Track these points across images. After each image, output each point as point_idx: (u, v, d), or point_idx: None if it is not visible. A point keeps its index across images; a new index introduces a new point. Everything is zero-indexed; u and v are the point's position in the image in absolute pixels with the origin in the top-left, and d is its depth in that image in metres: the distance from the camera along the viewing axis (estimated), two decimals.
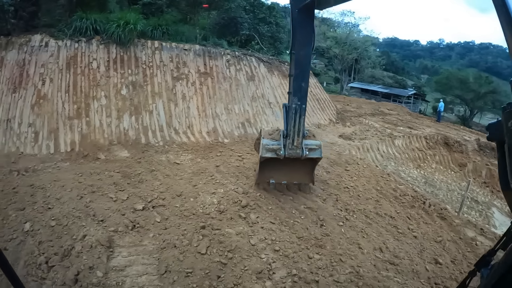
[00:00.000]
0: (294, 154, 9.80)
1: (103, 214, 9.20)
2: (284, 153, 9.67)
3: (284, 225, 9.51)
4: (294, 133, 9.59)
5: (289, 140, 9.65)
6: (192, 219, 9.33)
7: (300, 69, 9.20)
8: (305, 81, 9.36)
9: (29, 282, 6.99)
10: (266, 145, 9.77)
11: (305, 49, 9.02)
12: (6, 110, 14.11)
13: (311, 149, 10.00)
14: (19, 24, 16.16)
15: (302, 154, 9.77)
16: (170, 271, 7.41)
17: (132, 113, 15.50)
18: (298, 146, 9.73)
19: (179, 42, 18.49)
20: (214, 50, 19.04)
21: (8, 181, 11.22)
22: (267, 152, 9.74)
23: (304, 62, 9.19)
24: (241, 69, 19.53)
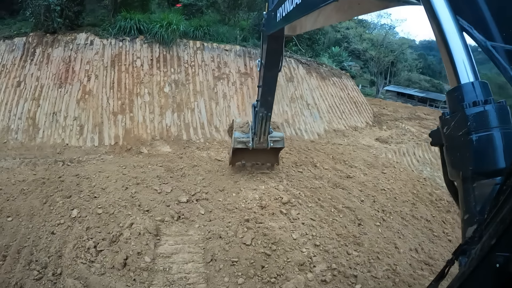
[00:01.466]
0: (261, 147, 11.27)
1: (148, 205, 9.41)
2: (252, 145, 11.17)
3: (324, 222, 9.53)
4: (261, 133, 10.89)
5: (256, 137, 11.01)
6: (236, 213, 9.44)
7: (268, 87, 10.13)
8: (271, 95, 10.32)
9: (78, 264, 7.22)
10: (237, 138, 11.22)
11: (272, 71, 9.74)
12: (52, 103, 14.67)
13: (275, 141, 11.42)
14: (65, 23, 16.66)
15: (268, 146, 11.25)
16: (216, 260, 7.54)
17: (174, 110, 15.68)
18: (264, 141, 11.13)
19: (220, 42, 18.60)
20: (254, 51, 19.03)
21: (54, 170, 11.64)
22: (238, 144, 11.23)
23: (271, 81, 10.04)
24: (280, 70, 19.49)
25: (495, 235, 1.43)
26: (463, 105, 2.04)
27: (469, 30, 2.18)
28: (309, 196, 10.84)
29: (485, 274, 1.47)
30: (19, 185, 10.54)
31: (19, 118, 14.35)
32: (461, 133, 2.02)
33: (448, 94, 2.22)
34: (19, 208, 9.36)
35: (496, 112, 1.97)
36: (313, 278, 7.27)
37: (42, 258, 7.52)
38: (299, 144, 16.38)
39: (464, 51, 2.17)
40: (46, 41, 16.36)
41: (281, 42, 9.04)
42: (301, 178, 12.19)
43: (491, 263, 1.41)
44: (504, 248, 1.37)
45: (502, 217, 1.44)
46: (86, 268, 7.21)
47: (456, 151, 2.08)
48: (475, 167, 1.94)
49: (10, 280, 6.96)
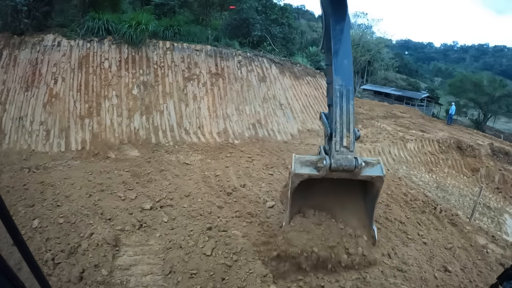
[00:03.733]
0: (345, 163, 6.48)
1: (111, 213, 9.31)
2: (329, 162, 6.51)
3: None
4: (342, 127, 6.76)
5: (335, 138, 6.75)
6: (200, 220, 9.34)
7: (339, 45, 7.18)
8: (348, 57, 7.22)
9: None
10: (300, 158, 7.01)
11: (340, 24, 7.32)
12: (19, 108, 14.38)
13: (369, 163, 6.86)
14: (32, 24, 16.40)
15: (356, 164, 6.50)
16: (174, 272, 7.43)
17: (143, 112, 15.61)
18: (349, 147, 6.68)
19: (191, 42, 18.54)
20: (226, 51, 19.06)
21: (19, 177, 11.42)
22: (303, 167, 6.77)
23: (341, 36, 7.26)
24: (252, 70, 19.53)
25: None
26: None
27: None
28: (278, 200, 10.40)
29: None
30: None
31: None
32: None
33: None
34: None
35: None
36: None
37: None
38: (271, 145, 16.43)
39: None
40: (13, 43, 16.04)
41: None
42: (272, 181, 12.16)
43: None
44: None
45: None
46: None
47: None
48: None
49: None
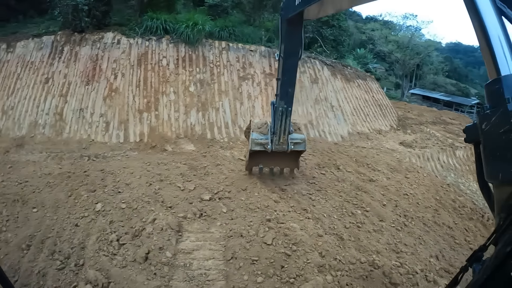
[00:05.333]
0: (281, 149, 10.44)
1: (171, 201, 9.50)
2: (271, 147, 10.34)
3: (346, 226, 9.44)
4: (281, 131, 10.10)
5: (276, 137, 10.21)
6: (257, 212, 9.40)
7: (288, 76, 9.57)
8: (292, 87, 9.79)
9: (100, 256, 7.34)
10: (255, 139, 10.41)
11: (292, 59, 9.29)
12: (79, 100, 14.99)
13: (296, 143, 10.59)
14: (92, 22, 16.98)
15: (288, 148, 10.41)
16: (236, 258, 7.53)
17: (199, 109, 15.78)
18: (284, 142, 10.30)
19: (245, 43, 18.64)
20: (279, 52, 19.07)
21: (79, 164, 11.91)
22: (256, 146, 10.41)
23: (291, 70, 9.55)
24: (305, 71, 19.46)
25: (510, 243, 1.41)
26: (505, 99, 1.88)
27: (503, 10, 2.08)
28: (331, 198, 10.73)
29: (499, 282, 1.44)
30: (45, 178, 10.81)
31: (47, 114, 14.68)
32: (502, 130, 1.86)
33: (488, 87, 2.05)
34: (44, 200, 9.58)
35: None
36: (331, 280, 7.19)
37: (65, 249, 7.65)
38: (322, 146, 16.30)
39: (505, 41, 2.03)
40: (74, 40, 16.71)
41: (301, 27, 8.84)
42: (324, 180, 12.10)
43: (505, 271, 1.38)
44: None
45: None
46: (108, 261, 7.30)
47: (496, 151, 1.93)
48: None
49: (33, 268, 7.13)
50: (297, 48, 9.12)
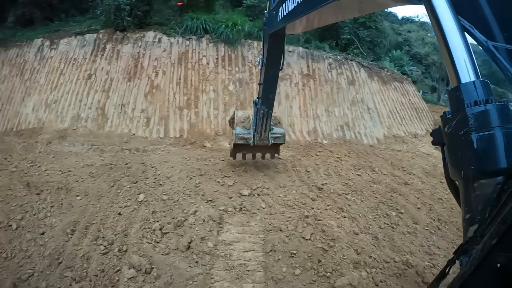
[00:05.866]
0: (262, 143, 11.12)
1: (212, 195, 9.73)
2: (253, 142, 10.99)
3: (380, 226, 9.47)
4: (262, 130, 10.72)
5: (257, 134, 10.83)
6: (295, 209, 9.51)
7: (269, 84, 9.92)
8: (272, 93, 10.15)
9: (143, 243, 7.59)
10: (238, 134, 11.02)
11: (273, 69, 9.54)
12: (121, 96, 15.39)
13: (276, 137, 11.26)
14: (133, 22, 17.34)
15: (268, 143, 11.09)
16: (275, 251, 7.68)
17: (238, 107, 15.86)
18: (265, 138, 10.97)
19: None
20: (317, 53, 18.99)
21: (121, 157, 12.33)
22: (239, 140, 11.03)
23: (272, 79, 9.84)
24: (342, 73, 19.33)
25: (496, 235, 1.44)
26: (464, 104, 2.05)
27: (470, 30, 2.23)
28: (366, 199, 10.79)
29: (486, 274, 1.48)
30: (87, 169, 11.19)
31: (89, 108, 15.12)
32: (462, 132, 2.04)
33: (450, 94, 2.23)
34: (87, 189, 9.92)
35: (497, 111, 1.98)
36: (366, 277, 7.26)
37: (108, 235, 7.91)
38: (358, 148, 16.19)
39: (465, 50, 2.17)
40: (116, 38, 17.12)
41: (282, 41, 8.94)
42: (359, 181, 12.11)
43: (492, 263, 1.42)
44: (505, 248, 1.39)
45: (503, 217, 1.44)
46: (151, 248, 7.51)
47: (457, 151, 2.10)
48: (476, 166, 1.96)
49: (77, 252, 7.42)
50: (279, 60, 9.33)
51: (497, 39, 2.08)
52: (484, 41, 2.10)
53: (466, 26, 2.21)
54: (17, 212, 8.90)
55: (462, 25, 2.21)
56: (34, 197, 9.63)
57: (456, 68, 2.16)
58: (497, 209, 1.54)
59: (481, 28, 2.16)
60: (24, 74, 17.23)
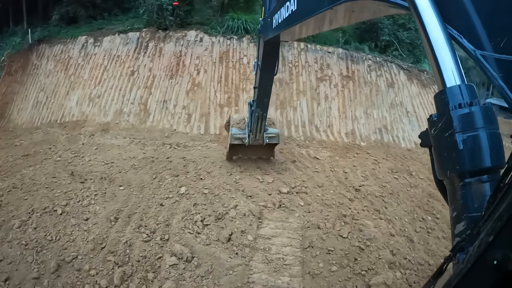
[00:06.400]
0: (257, 143, 11.28)
1: (251, 191, 9.91)
2: (248, 141, 11.14)
3: (416, 230, 9.44)
4: (257, 131, 10.93)
5: (252, 135, 11.01)
6: (333, 208, 9.60)
7: (264, 89, 10.14)
8: (267, 97, 10.39)
9: (185, 233, 7.85)
10: (234, 134, 11.21)
11: (268, 75, 9.69)
12: (163, 92, 15.79)
13: (271, 137, 11.37)
14: (175, 21, 17.73)
15: (263, 142, 11.24)
16: (312, 247, 7.84)
17: (277, 107, 15.94)
18: (259, 138, 11.15)
19: (323, 44, 18.60)
20: (356, 54, 18.84)
21: (162, 151, 12.70)
22: (235, 140, 11.20)
23: (267, 84, 10.05)
24: (381, 75, 19.10)
25: (492, 232, 1.41)
26: (449, 107, 2.09)
27: (458, 38, 2.25)
28: (403, 202, 10.75)
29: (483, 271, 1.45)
30: (130, 161, 11.55)
31: (132, 103, 15.57)
32: (447, 134, 2.08)
33: (436, 97, 2.26)
34: (130, 180, 10.25)
35: (481, 113, 2.01)
36: (400, 277, 7.36)
37: (151, 224, 8.16)
38: (395, 151, 15.97)
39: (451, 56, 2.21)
40: (158, 37, 17.54)
41: (277, 47, 9.02)
42: (396, 184, 12.04)
43: (488, 260, 1.39)
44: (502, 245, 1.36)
45: (500, 214, 1.42)
46: (193, 238, 7.74)
47: (443, 151, 2.14)
48: (461, 166, 1.99)
49: (120, 238, 7.71)
50: (274, 65, 9.41)
51: (485, 48, 2.12)
52: (472, 50, 2.14)
53: (454, 35, 2.27)
54: (61, 198, 9.30)
55: (449, 32, 2.27)
56: (78, 185, 10.05)
57: (441, 72, 2.22)
58: (493, 206, 1.54)
59: (469, 36, 2.20)
60: (69, 70, 17.87)
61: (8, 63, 19.22)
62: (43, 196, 9.47)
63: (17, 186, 10.16)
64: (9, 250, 7.48)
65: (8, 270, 6.95)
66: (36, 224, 8.25)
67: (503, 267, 1.30)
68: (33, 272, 6.89)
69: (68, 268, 7.00)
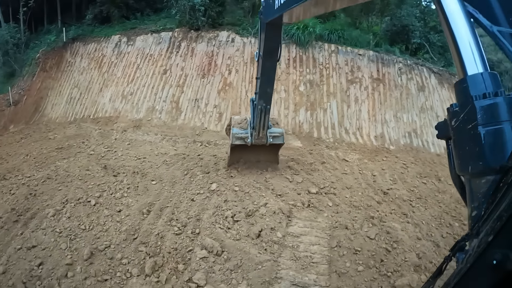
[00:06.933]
0: (260, 142, 10.59)
1: (281, 190, 9.96)
2: (251, 141, 10.46)
3: (443, 236, 9.35)
4: (260, 127, 10.27)
5: (255, 132, 10.35)
6: (361, 210, 9.63)
7: (267, 77, 9.60)
8: (270, 87, 9.87)
9: (216, 228, 8.01)
10: (235, 134, 10.53)
11: (270, 60, 9.21)
12: (195, 91, 16.11)
13: (275, 137, 10.70)
14: (207, 22, 18.04)
15: (267, 141, 10.56)
16: (340, 246, 7.91)
17: (307, 108, 15.98)
18: (263, 136, 10.49)
19: (354, 47, 18.54)
20: (387, 57, 18.66)
21: (193, 148, 12.93)
22: (237, 140, 10.52)
23: (269, 71, 9.51)
24: (412, 78, 18.89)
25: (492, 232, 1.42)
26: (472, 97, 1.98)
27: (474, 14, 2.16)
28: (430, 207, 10.67)
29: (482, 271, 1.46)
30: (161, 157, 11.84)
31: (164, 101, 15.98)
32: (470, 126, 1.97)
33: (457, 86, 2.16)
34: (162, 175, 10.49)
35: (507, 104, 1.92)
36: (425, 280, 7.20)
37: (182, 218, 8.36)
38: (424, 156, 15.80)
39: (472, 40, 2.12)
40: (191, 37, 17.90)
41: (280, 30, 8.66)
42: (424, 189, 11.96)
43: (488, 259, 1.39)
44: (501, 244, 1.36)
45: (499, 214, 1.42)
46: (223, 233, 7.90)
47: (465, 145, 2.03)
48: (484, 162, 1.90)
49: (152, 230, 7.95)
50: (276, 50, 8.96)
51: (501, 23, 2.04)
52: (489, 26, 2.06)
53: (470, 11, 2.17)
54: (95, 190, 9.65)
55: (467, 11, 2.17)
56: (111, 178, 10.38)
57: (462, 58, 2.12)
58: (492, 206, 1.54)
59: (486, 13, 2.11)
60: (102, 67, 18.41)
61: (43, 60, 20.04)
62: (77, 187, 9.84)
63: (51, 177, 10.60)
64: (43, 237, 7.83)
65: (42, 256, 7.27)
66: (70, 213, 8.61)
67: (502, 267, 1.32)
68: (66, 258, 7.18)
69: (101, 256, 7.26)
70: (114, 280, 6.73)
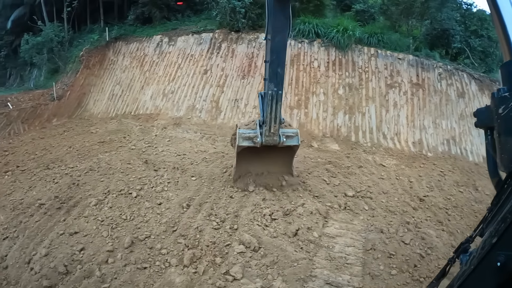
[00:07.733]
0: (271, 141, 9.02)
1: (318, 192, 10.06)
2: (261, 140, 8.94)
3: None
4: (271, 120, 8.82)
5: (265, 127, 8.91)
6: (397, 215, 9.64)
7: (276, 55, 8.44)
8: (281, 67, 8.61)
9: (254, 225, 8.17)
10: (242, 133, 9.12)
11: (280, 35, 8.30)
12: (235, 91, 16.39)
13: (288, 136, 9.21)
14: (248, 23, 18.33)
15: (280, 141, 9.00)
16: (374, 249, 7.93)
17: (346, 112, 15.98)
18: (275, 133, 8.95)
19: (393, 50, 18.38)
20: (427, 62, 18.37)
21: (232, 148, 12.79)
22: (244, 141, 9.08)
23: (279, 49, 8.46)
24: (452, 84, 18.56)
25: (496, 234, 1.41)
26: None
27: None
28: (466, 217, 10.54)
29: (486, 273, 1.44)
30: (201, 154, 12.13)
31: (204, 100, 16.35)
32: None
33: (503, 68, 1.84)
34: (201, 172, 10.74)
35: None
36: None
37: (221, 214, 8.54)
38: (462, 164, 15.50)
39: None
40: (231, 38, 18.21)
41: (288, 3, 8.12)
42: (461, 198, 11.79)
43: (492, 261, 1.38)
44: (505, 246, 1.35)
45: (503, 216, 1.41)
46: (261, 230, 8.04)
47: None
48: None
49: (191, 224, 8.17)
50: (285, 25, 8.31)
51: None
52: None
53: None
54: (136, 183, 9.98)
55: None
56: (152, 172, 10.71)
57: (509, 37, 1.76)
58: (497, 208, 1.55)
59: None
60: (144, 66, 18.97)
61: (87, 57, 20.91)
62: (119, 179, 10.19)
63: (94, 168, 11.01)
64: (86, 224, 8.18)
65: (84, 242, 7.59)
66: (111, 204, 8.95)
67: (506, 269, 1.34)
68: (107, 245, 7.46)
69: (141, 246, 7.52)
70: (153, 268, 6.94)
